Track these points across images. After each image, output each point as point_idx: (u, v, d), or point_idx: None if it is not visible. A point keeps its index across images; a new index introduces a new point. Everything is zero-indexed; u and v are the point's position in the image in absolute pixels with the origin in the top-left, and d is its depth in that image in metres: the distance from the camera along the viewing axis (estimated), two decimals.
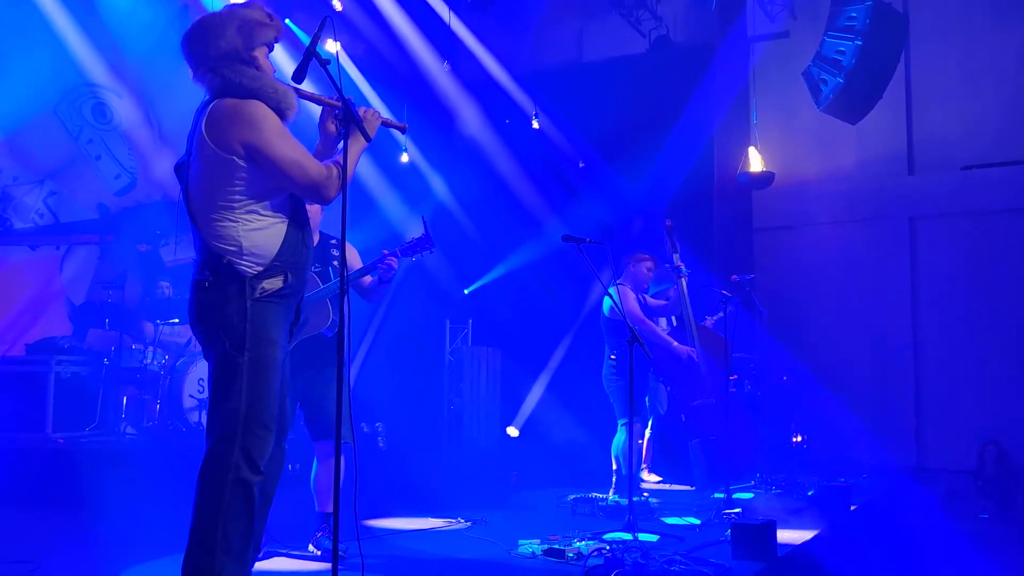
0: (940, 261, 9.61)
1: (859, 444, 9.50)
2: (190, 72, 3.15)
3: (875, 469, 7.74)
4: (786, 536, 4.81)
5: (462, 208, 9.90)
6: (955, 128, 9.58)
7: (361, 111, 3.18)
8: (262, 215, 3.06)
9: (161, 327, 7.05)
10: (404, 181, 9.31)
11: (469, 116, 9.98)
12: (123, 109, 8.03)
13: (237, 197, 3.03)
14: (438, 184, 9.70)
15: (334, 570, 2.93)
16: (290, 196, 3.14)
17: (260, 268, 3.03)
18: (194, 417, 6.82)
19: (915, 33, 9.45)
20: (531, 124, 9.71)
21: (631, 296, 6.20)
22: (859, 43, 6.66)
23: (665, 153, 9.25)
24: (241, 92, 3.02)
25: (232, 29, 3.06)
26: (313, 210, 3.85)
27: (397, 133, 3.46)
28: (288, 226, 3.11)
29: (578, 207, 9.75)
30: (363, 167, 8.50)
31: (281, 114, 3.08)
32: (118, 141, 8.05)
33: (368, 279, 4.48)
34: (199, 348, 3.19)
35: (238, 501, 2.97)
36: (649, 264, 6.41)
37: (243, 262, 3.02)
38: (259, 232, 3.04)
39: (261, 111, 3.02)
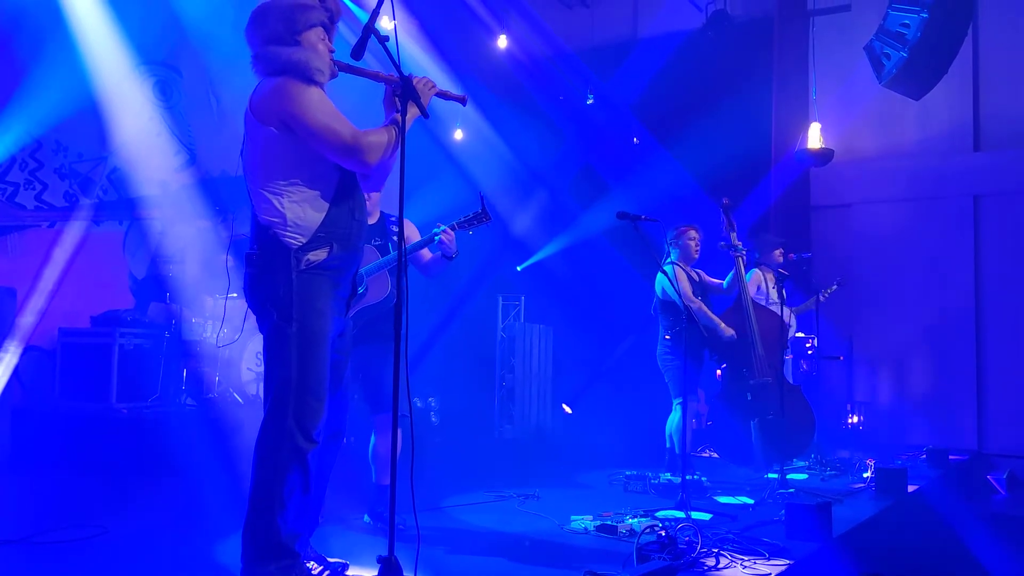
0: (1006, 240, 9.34)
1: (918, 426, 9.35)
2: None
3: (934, 452, 7.59)
4: (842, 518, 4.77)
5: (516, 185, 9.88)
6: None
7: (415, 80, 3.20)
8: (304, 187, 3.12)
9: (220, 301, 7.18)
10: (459, 157, 9.32)
11: (524, 92, 9.92)
12: (184, 87, 8.16)
13: (280, 170, 3.11)
14: (493, 161, 9.68)
15: (391, 541, 2.97)
16: (335, 168, 3.19)
17: (304, 240, 3.09)
18: (252, 389, 6.95)
19: (984, 4, 9.16)
20: (586, 100, 9.63)
21: (683, 276, 6.15)
22: (925, 15, 6.43)
23: (722, 130, 9.11)
24: (273, 69, 3.14)
25: (273, 16, 3.18)
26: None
27: (457, 105, 3.47)
28: (333, 198, 3.16)
29: (633, 184, 9.66)
30: (419, 142, 8.52)
31: (311, 81, 3.13)
32: (179, 118, 8.18)
33: (428, 254, 4.57)
34: (255, 322, 3.26)
35: (293, 469, 3.04)
36: (694, 235, 6.33)
37: (288, 234, 3.09)
38: (302, 204, 3.11)
39: (294, 84, 3.09)
